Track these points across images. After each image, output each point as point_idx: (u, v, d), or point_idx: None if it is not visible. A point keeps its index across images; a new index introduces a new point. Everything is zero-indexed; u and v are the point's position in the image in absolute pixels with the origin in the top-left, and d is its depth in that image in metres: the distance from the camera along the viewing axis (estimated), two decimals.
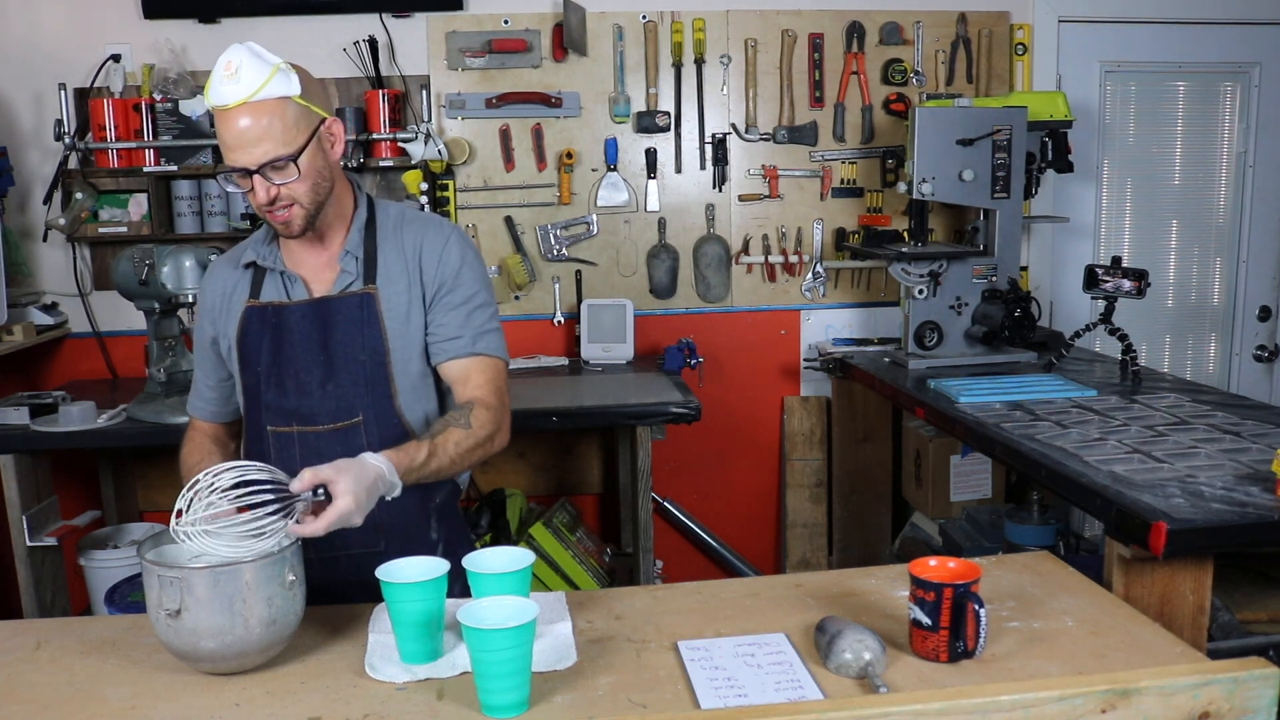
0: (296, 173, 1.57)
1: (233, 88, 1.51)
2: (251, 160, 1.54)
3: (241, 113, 1.52)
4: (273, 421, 1.68)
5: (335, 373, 1.67)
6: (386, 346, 1.68)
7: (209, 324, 1.76)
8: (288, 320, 1.68)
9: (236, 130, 1.52)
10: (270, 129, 1.53)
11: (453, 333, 1.71)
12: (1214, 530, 1.63)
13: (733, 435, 3.61)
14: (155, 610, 1.34)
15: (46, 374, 3.37)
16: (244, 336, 1.70)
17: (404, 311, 1.69)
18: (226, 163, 1.56)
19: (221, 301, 1.74)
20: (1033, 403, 2.44)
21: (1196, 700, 1.13)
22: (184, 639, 1.33)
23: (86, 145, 3.15)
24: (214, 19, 3.23)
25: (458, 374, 1.71)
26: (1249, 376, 3.80)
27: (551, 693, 1.30)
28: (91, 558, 3.02)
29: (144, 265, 2.72)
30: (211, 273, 1.80)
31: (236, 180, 1.58)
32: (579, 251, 3.45)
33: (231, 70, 1.51)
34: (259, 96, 1.51)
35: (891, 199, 3.51)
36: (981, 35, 3.48)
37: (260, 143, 1.53)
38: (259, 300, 1.70)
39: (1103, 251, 3.67)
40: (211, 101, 1.54)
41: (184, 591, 1.31)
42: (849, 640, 1.33)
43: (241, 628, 1.33)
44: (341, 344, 1.67)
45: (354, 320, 1.67)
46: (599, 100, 3.39)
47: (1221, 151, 3.69)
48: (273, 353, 1.68)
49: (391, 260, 1.71)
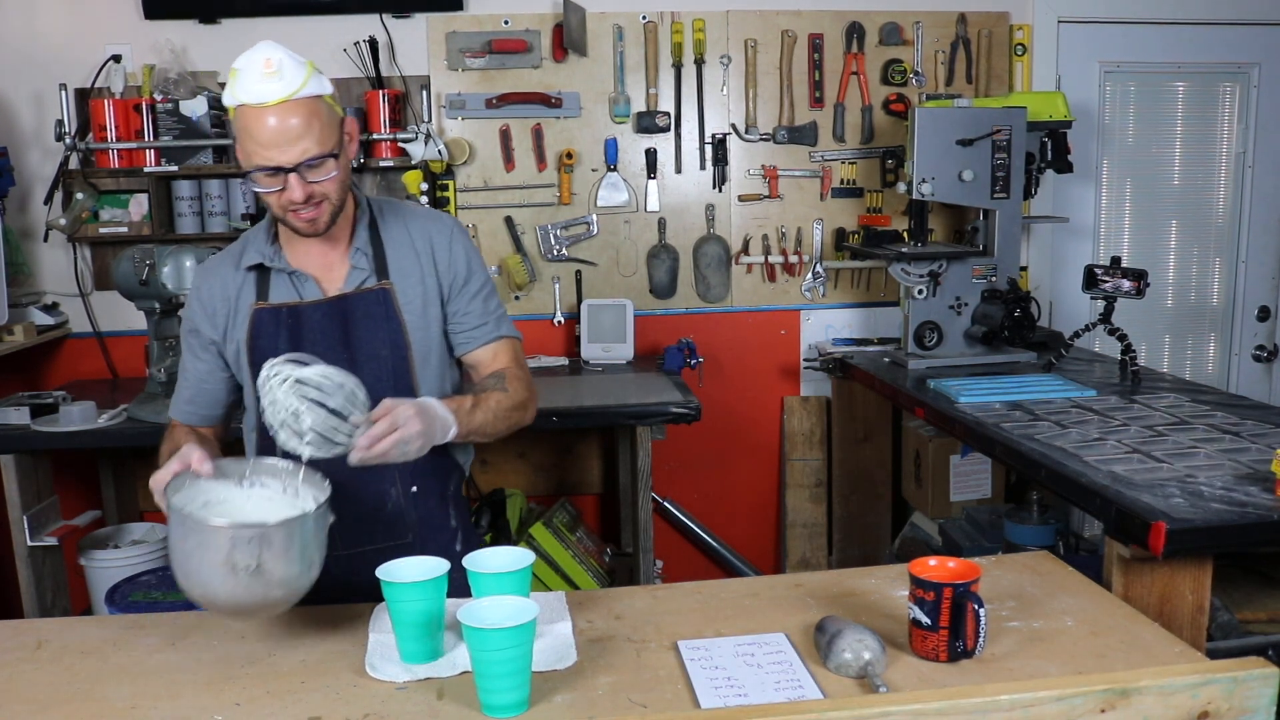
0: (334, 170, 1.57)
1: (275, 85, 1.49)
2: (290, 158, 1.52)
3: (282, 110, 1.50)
4: None
5: (357, 369, 1.66)
6: (407, 340, 1.69)
7: (209, 328, 1.71)
8: (305, 320, 1.67)
9: (276, 128, 1.50)
10: (310, 127, 1.52)
11: (477, 321, 1.75)
12: (1213, 530, 1.63)
13: (733, 435, 3.61)
14: (219, 569, 1.31)
15: (47, 374, 3.37)
16: (256, 339, 1.67)
17: (420, 305, 1.71)
18: (258, 161, 1.53)
19: (224, 305, 1.70)
20: (1032, 403, 2.44)
21: (1196, 700, 1.13)
22: (253, 593, 1.33)
23: (87, 145, 3.15)
24: (214, 19, 3.23)
25: (485, 358, 1.76)
26: (1248, 376, 3.80)
27: (551, 692, 1.30)
28: (92, 558, 3.02)
29: (144, 265, 2.72)
30: (205, 277, 1.74)
31: (264, 180, 1.55)
32: (579, 251, 3.45)
33: (273, 68, 1.49)
34: (301, 94, 1.51)
35: (891, 199, 3.51)
36: (981, 35, 3.48)
37: (300, 140, 1.52)
38: (268, 302, 1.68)
39: (1102, 251, 3.67)
40: (245, 99, 1.51)
41: (263, 547, 1.31)
42: (849, 640, 1.33)
43: (307, 575, 1.37)
44: (363, 340, 1.67)
45: (374, 316, 1.67)
46: (599, 100, 3.39)
47: (1221, 152, 3.70)
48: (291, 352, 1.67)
49: (401, 255, 1.71)
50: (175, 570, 1.37)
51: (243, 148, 1.55)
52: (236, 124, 1.55)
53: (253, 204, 3.22)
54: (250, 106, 1.51)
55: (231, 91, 1.53)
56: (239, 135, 1.55)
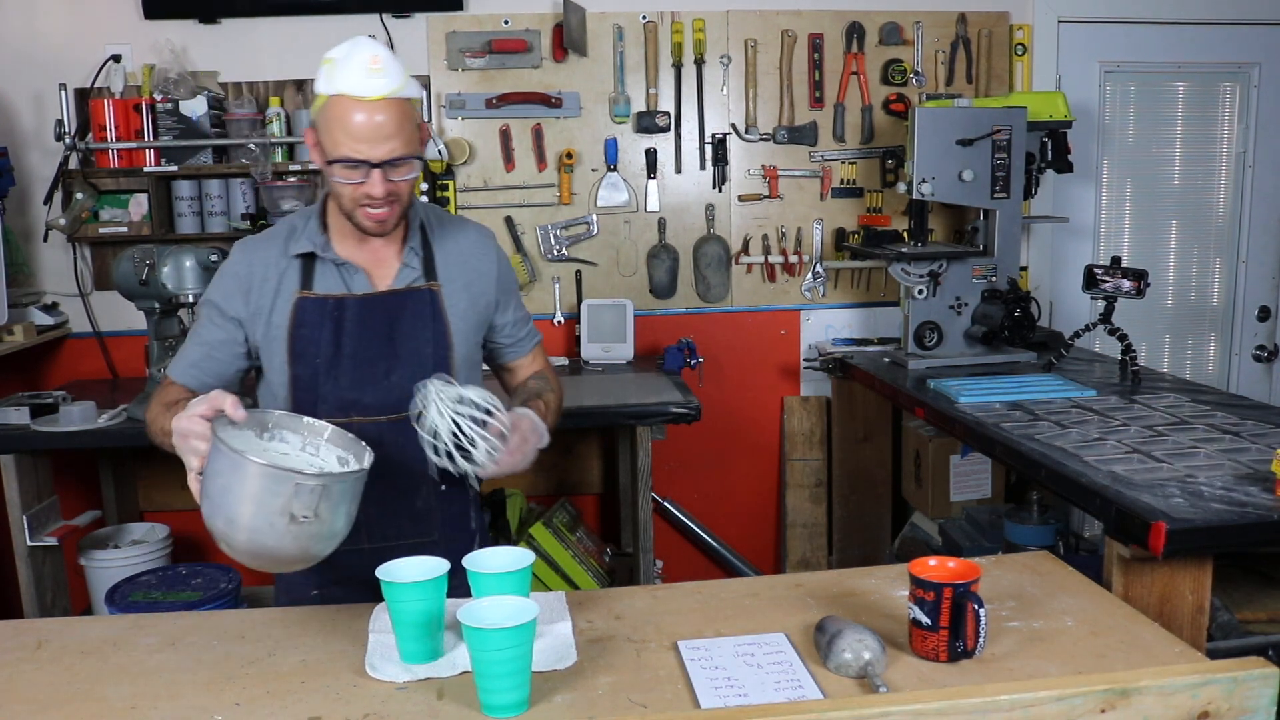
0: (413, 172, 1.60)
1: (381, 81, 1.52)
2: (379, 154, 1.54)
3: (381, 107, 1.53)
4: (329, 412, 1.66)
5: (399, 365, 1.69)
6: (450, 341, 1.72)
7: (239, 304, 1.69)
8: (352, 312, 1.68)
9: (372, 123, 1.53)
10: (402, 127, 1.55)
11: (522, 333, 1.87)
12: (1213, 530, 1.63)
13: (733, 435, 3.61)
14: (272, 515, 1.31)
15: (47, 374, 3.37)
16: (299, 328, 1.67)
17: (463, 309, 1.74)
18: (345, 151, 1.54)
19: (263, 285, 1.69)
20: (1032, 403, 2.44)
21: (1196, 700, 1.13)
22: (300, 543, 1.33)
23: (87, 145, 3.15)
24: (214, 19, 3.23)
25: (526, 362, 1.89)
26: (1248, 376, 3.80)
27: (551, 692, 1.30)
28: (92, 557, 3.02)
29: (144, 265, 2.72)
30: (247, 254, 1.72)
31: (344, 171, 1.56)
32: (579, 251, 3.45)
33: (379, 64, 1.52)
34: (401, 94, 1.54)
35: (891, 199, 3.51)
36: (981, 35, 3.48)
37: (391, 139, 1.55)
38: (314, 291, 1.68)
39: (1102, 251, 3.67)
40: (346, 90, 1.52)
41: (322, 498, 1.32)
42: (849, 640, 1.33)
43: (345, 532, 1.39)
44: (407, 337, 1.69)
45: (421, 315, 1.70)
46: (599, 100, 3.39)
47: (1221, 152, 3.70)
48: (334, 344, 1.67)
49: (449, 261, 1.75)
50: (215, 512, 1.34)
51: (329, 136, 1.56)
52: (326, 113, 1.56)
53: (253, 204, 3.23)
54: (349, 98, 1.52)
55: (329, 80, 1.54)
56: (327, 124, 1.56)
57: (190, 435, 1.38)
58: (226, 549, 1.37)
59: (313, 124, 1.61)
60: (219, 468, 1.34)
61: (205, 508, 1.36)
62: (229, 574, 2.91)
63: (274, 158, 3.20)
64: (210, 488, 1.35)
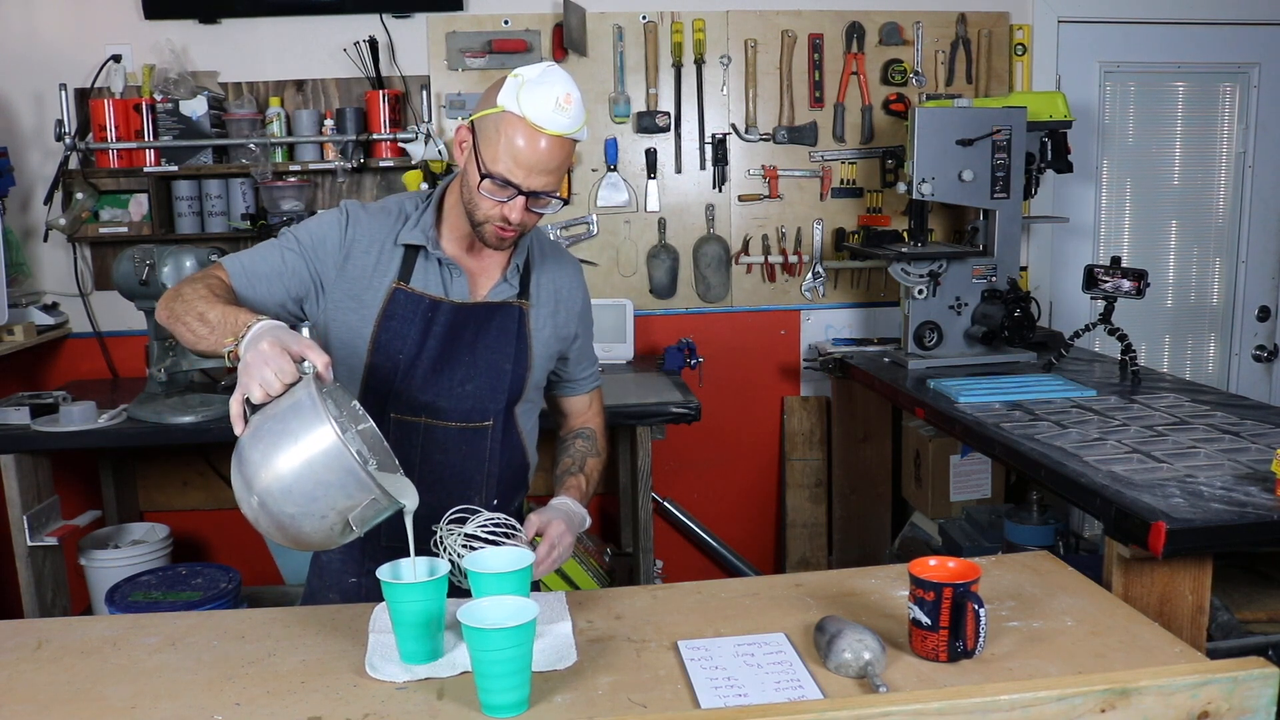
0: (553, 208, 1.62)
1: (564, 119, 1.53)
2: (534, 184, 1.55)
3: (554, 143, 1.54)
4: (399, 409, 1.66)
5: (477, 374, 1.69)
6: (530, 362, 1.73)
7: (327, 257, 1.64)
8: (444, 318, 1.66)
9: (542, 155, 1.53)
10: (561, 166, 1.58)
11: (588, 371, 1.89)
12: (1213, 530, 1.63)
13: (733, 435, 3.61)
14: (329, 510, 1.27)
15: (47, 374, 3.37)
16: (388, 320, 1.65)
17: (547, 335, 1.76)
18: (503, 171, 1.53)
19: (363, 257, 1.65)
20: (1032, 403, 2.44)
21: (1195, 700, 1.13)
22: (326, 539, 1.32)
23: (87, 145, 3.15)
24: (214, 19, 3.23)
25: (582, 406, 1.90)
26: (1248, 376, 3.80)
27: (551, 692, 1.30)
28: (92, 557, 3.02)
29: (144, 265, 2.72)
30: (362, 218, 1.68)
31: (493, 188, 1.56)
32: (579, 251, 3.45)
33: (571, 103, 1.53)
34: (575, 135, 1.56)
35: (891, 199, 3.51)
36: (981, 36, 3.48)
37: (550, 174, 1.56)
38: (411, 286, 1.66)
39: (1102, 251, 3.67)
40: (531, 116, 1.51)
41: (378, 513, 1.32)
42: (849, 640, 1.33)
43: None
44: (489, 349, 1.69)
45: (507, 330, 1.71)
46: (599, 100, 3.39)
47: (1221, 152, 3.70)
48: (419, 344, 1.65)
49: (542, 286, 1.76)
50: (261, 463, 1.26)
51: (491, 149, 1.55)
52: (498, 125, 1.54)
53: (253, 204, 3.23)
54: (529, 123, 1.52)
55: (515, 98, 1.52)
56: (493, 136, 1.54)
57: (270, 366, 1.29)
58: (244, 491, 1.28)
59: (472, 124, 1.60)
60: (293, 427, 1.25)
61: (250, 449, 1.27)
62: (229, 574, 2.92)
63: (274, 158, 3.20)
64: (269, 433, 1.26)
